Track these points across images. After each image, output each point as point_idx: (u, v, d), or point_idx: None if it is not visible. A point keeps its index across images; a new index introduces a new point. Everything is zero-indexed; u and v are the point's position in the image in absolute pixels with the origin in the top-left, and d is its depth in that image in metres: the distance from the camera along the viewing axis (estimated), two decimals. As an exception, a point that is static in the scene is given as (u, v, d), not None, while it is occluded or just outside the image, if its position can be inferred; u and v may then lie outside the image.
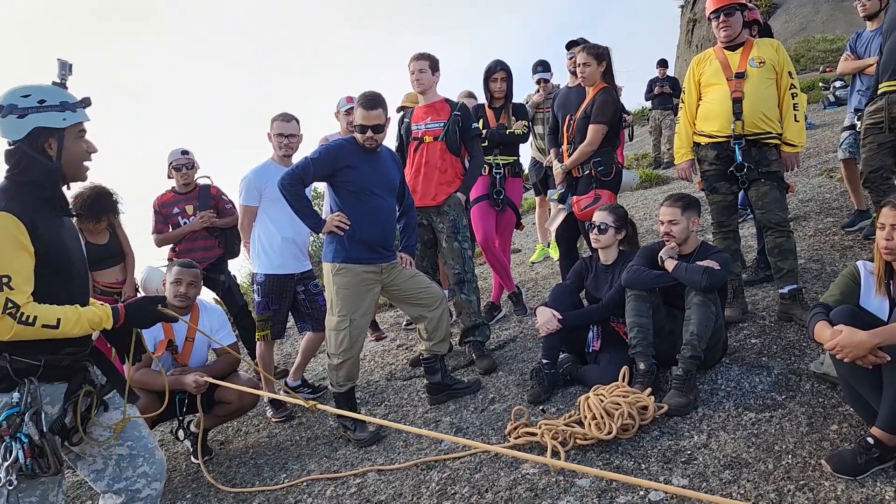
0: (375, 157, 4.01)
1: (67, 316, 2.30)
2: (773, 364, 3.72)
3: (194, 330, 4.16)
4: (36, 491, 2.33)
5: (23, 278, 2.24)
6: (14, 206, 2.28)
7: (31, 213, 2.31)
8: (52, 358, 2.37)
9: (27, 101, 2.34)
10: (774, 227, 4.26)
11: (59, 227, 2.44)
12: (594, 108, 4.59)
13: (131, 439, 2.62)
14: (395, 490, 3.36)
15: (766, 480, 2.75)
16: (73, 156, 2.45)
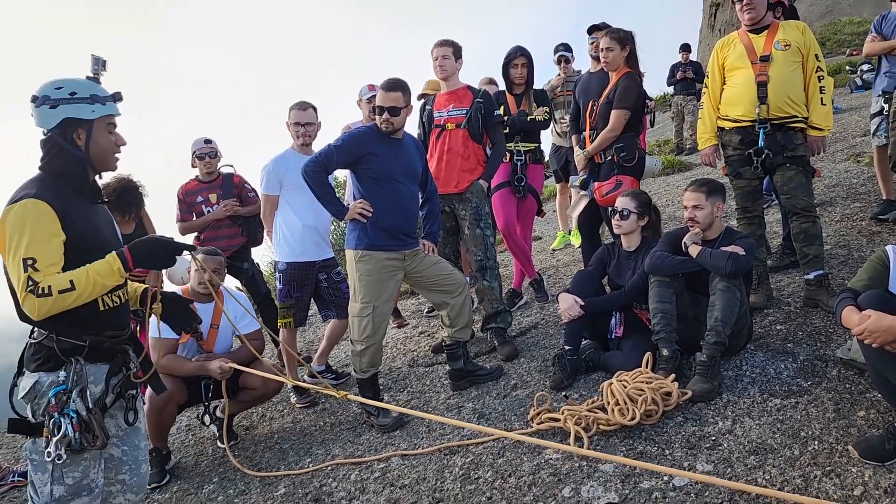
0: (398, 145, 4.01)
1: (78, 276, 2.32)
2: (799, 350, 3.69)
3: (219, 317, 4.21)
4: (79, 466, 2.41)
5: (49, 261, 2.31)
6: (45, 193, 2.36)
7: (63, 201, 2.39)
8: (96, 339, 2.46)
9: (59, 93, 2.42)
10: (800, 212, 4.21)
11: (91, 214, 2.53)
12: (617, 93, 4.55)
13: (127, 445, 2.67)
14: (419, 474, 3.38)
15: (791, 466, 2.74)
16: (101, 147, 2.53)
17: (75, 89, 2.45)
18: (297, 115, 4.78)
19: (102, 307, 2.51)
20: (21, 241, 2.29)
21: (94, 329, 2.48)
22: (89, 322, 2.46)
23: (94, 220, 2.53)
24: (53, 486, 2.38)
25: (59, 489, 2.38)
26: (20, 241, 2.29)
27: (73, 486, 2.41)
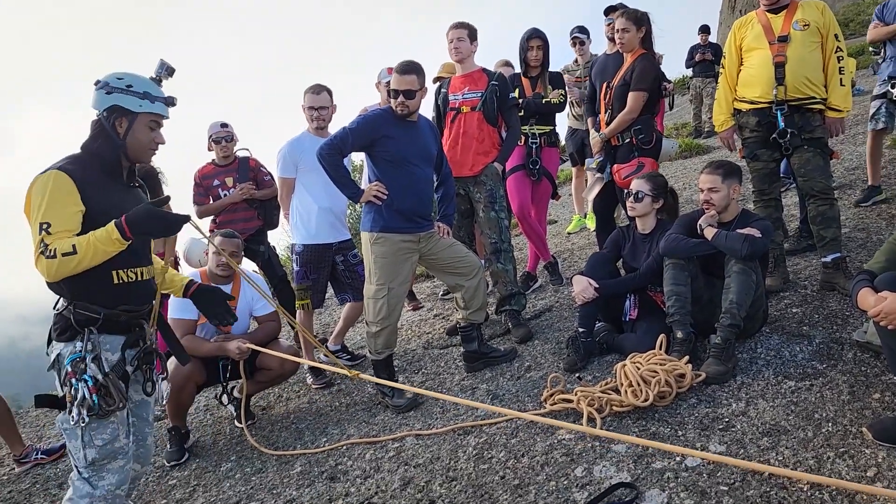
0: (413, 127, 4.02)
1: (80, 241, 2.44)
2: (815, 333, 3.67)
3: (236, 298, 4.25)
4: (107, 430, 2.58)
5: (63, 227, 2.46)
6: (70, 167, 2.54)
7: (88, 177, 2.57)
8: (110, 312, 2.61)
9: (118, 83, 2.62)
10: (817, 194, 4.17)
11: (119, 194, 2.66)
12: (634, 74, 4.52)
13: (136, 416, 2.83)
14: (433, 454, 3.42)
15: (805, 448, 2.74)
16: (139, 140, 2.68)
17: (133, 83, 2.64)
18: (312, 98, 4.79)
19: (117, 280, 2.63)
20: (41, 207, 2.46)
21: (109, 302, 2.62)
22: (103, 294, 2.60)
23: (121, 200, 2.64)
24: (86, 451, 2.56)
25: (92, 452, 2.55)
26: (40, 207, 2.46)
27: (105, 449, 2.57)
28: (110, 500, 2.62)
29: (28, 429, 5.49)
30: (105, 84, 2.61)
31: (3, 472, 4.65)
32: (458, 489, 3.05)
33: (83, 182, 2.53)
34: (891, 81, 5.42)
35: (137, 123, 2.65)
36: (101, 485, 2.59)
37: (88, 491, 2.58)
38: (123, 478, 2.65)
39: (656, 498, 2.63)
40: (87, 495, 2.58)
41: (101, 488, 2.59)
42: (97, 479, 2.59)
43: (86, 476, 2.59)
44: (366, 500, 3.17)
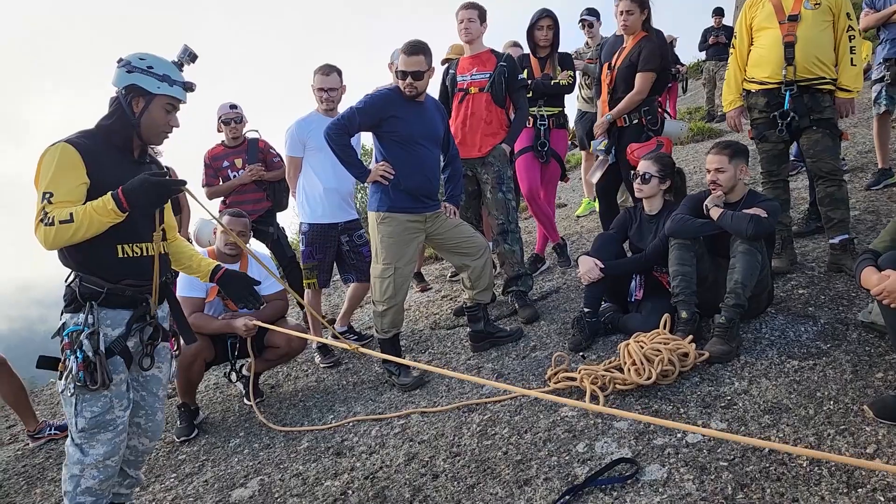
0: (420, 107, 4.03)
1: (77, 210, 2.48)
2: (820, 314, 3.67)
3: None
4: (98, 402, 2.64)
5: (66, 198, 2.51)
6: (79, 140, 2.60)
7: (97, 152, 2.62)
8: (114, 287, 2.66)
9: (140, 63, 2.68)
10: (826, 175, 4.15)
11: (126, 170, 2.68)
12: (642, 56, 4.51)
13: (146, 391, 2.90)
14: (438, 430, 3.46)
15: (805, 425, 2.75)
16: (153, 121, 2.73)
17: (154, 65, 2.69)
18: (321, 80, 4.80)
19: (121, 254, 2.67)
20: (46, 176, 2.52)
21: (113, 276, 2.66)
22: (108, 268, 2.65)
23: (126, 176, 2.63)
24: (77, 419, 2.64)
25: (81, 421, 2.64)
26: (45, 176, 2.52)
27: (93, 420, 2.64)
28: (101, 468, 2.70)
29: (42, 406, 5.59)
30: (127, 63, 2.67)
31: (17, 447, 4.75)
32: (461, 464, 3.09)
33: (91, 156, 2.58)
34: (886, 63, 5.44)
35: (153, 104, 2.69)
36: (91, 453, 2.68)
37: (80, 458, 2.68)
38: (112, 449, 2.70)
39: (656, 473, 2.66)
40: (78, 462, 2.68)
41: (91, 456, 2.68)
42: (88, 447, 2.68)
43: (77, 442, 2.68)
44: (371, 474, 3.22)
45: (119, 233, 2.62)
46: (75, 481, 2.70)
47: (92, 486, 2.71)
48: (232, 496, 3.37)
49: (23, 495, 3.96)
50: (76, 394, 2.60)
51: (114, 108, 2.71)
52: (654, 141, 4.50)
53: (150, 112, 2.70)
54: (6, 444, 4.99)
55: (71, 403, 2.63)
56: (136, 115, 2.69)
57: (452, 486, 2.94)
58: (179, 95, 2.76)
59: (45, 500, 3.83)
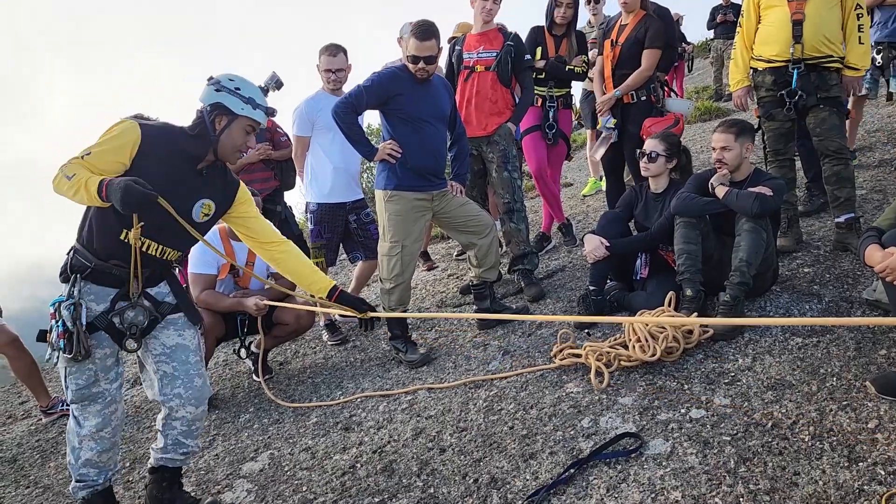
0: (427, 85, 4.03)
1: (81, 174, 2.50)
2: (825, 292, 3.69)
3: (255, 255, 4.31)
4: (83, 375, 2.74)
5: (97, 162, 2.57)
6: (150, 129, 2.68)
7: (162, 146, 2.69)
8: (101, 264, 2.71)
9: (228, 84, 2.78)
10: (832, 154, 4.15)
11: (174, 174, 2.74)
12: (649, 33, 4.51)
13: (176, 361, 2.89)
14: (444, 406, 3.51)
15: (808, 401, 2.78)
16: (231, 139, 2.81)
17: (241, 87, 2.79)
18: (328, 61, 4.78)
19: (123, 237, 2.68)
20: (99, 140, 2.62)
21: (104, 255, 2.70)
22: (105, 247, 2.70)
23: (172, 179, 2.72)
24: (67, 391, 2.78)
25: (70, 393, 2.77)
26: (101, 139, 2.62)
27: (80, 392, 2.75)
28: (97, 440, 2.81)
29: (55, 383, 5.65)
30: (217, 82, 2.76)
31: (31, 423, 4.83)
32: (467, 439, 3.14)
33: (152, 146, 2.64)
34: (876, 48, 5.37)
35: (235, 124, 2.78)
36: (85, 425, 2.79)
37: (77, 430, 2.81)
38: (103, 421, 2.80)
39: (660, 447, 2.70)
40: (76, 433, 2.81)
41: (86, 428, 2.79)
42: (82, 418, 2.79)
43: (75, 414, 2.81)
44: (378, 448, 3.28)
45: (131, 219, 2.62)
46: (76, 454, 2.82)
47: (91, 458, 2.81)
48: (242, 469, 3.44)
49: (37, 469, 4.04)
50: (65, 366, 2.70)
51: (197, 121, 2.80)
52: (672, 116, 4.50)
53: (231, 131, 2.79)
54: (20, 419, 5.08)
55: (62, 376, 2.75)
56: (217, 131, 2.77)
57: (459, 460, 2.99)
58: (260, 119, 2.84)
59: (58, 474, 3.90)
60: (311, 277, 3.17)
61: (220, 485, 3.34)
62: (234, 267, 4.32)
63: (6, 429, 4.88)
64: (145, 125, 2.66)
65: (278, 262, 3.15)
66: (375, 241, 4.86)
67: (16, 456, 4.28)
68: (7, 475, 4.04)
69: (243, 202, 3.04)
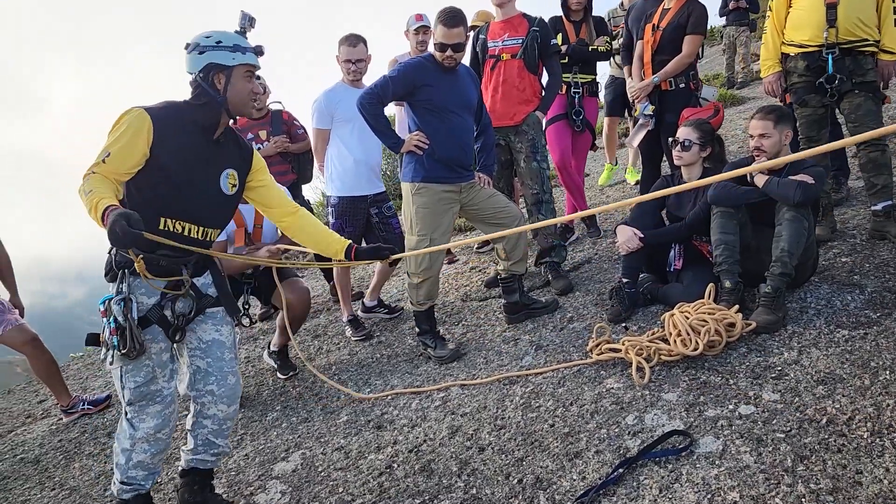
0: (454, 76, 3.94)
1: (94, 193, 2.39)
2: (866, 282, 3.60)
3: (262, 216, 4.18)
4: (140, 372, 2.66)
5: (119, 161, 2.50)
6: (158, 111, 2.59)
7: (173, 127, 2.61)
8: (149, 256, 2.60)
9: (207, 42, 2.67)
10: (868, 140, 4.05)
11: (194, 150, 2.69)
12: (692, 18, 4.42)
13: (211, 357, 2.85)
14: (480, 403, 3.43)
15: (862, 395, 2.70)
16: (238, 92, 2.71)
17: (221, 39, 2.67)
18: (348, 51, 4.69)
19: (162, 227, 2.64)
20: (113, 136, 2.52)
21: (149, 246, 2.56)
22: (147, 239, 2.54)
23: (194, 156, 2.69)
24: (124, 391, 2.68)
25: (128, 393, 2.67)
26: (113, 136, 2.52)
27: (138, 392, 2.66)
28: (152, 442, 2.73)
29: (71, 381, 5.61)
30: (196, 45, 2.66)
31: (51, 422, 4.77)
32: (507, 437, 3.06)
33: (165, 129, 2.57)
34: None
35: (234, 76, 2.68)
36: (141, 427, 2.70)
37: (130, 432, 2.71)
38: (162, 422, 2.72)
39: (711, 445, 2.62)
40: (129, 436, 2.71)
41: (142, 430, 2.70)
42: (138, 420, 2.70)
43: (129, 417, 2.71)
44: (414, 447, 3.20)
45: (165, 205, 2.62)
46: (126, 455, 2.72)
47: (143, 460, 2.73)
48: (275, 469, 3.36)
49: (61, 470, 3.97)
50: (120, 365, 2.61)
51: (198, 92, 2.70)
52: (712, 107, 4.40)
53: (234, 85, 2.69)
54: (39, 418, 5.02)
55: (117, 376, 2.66)
56: (221, 91, 2.68)
57: (500, 459, 2.91)
58: (254, 61, 2.73)
59: (83, 475, 3.83)
60: (327, 240, 3.15)
61: (253, 486, 3.27)
62: (247, 232, 4.21)
63: (26, 429, 4.82)
64: (153, 109, 2.58)
65: (294, 229, 3.11)
66: (397, 234, 4.78)
67: (38, 457, 4.22)
68: (31, 476, 3.97)
69: (259, 169, 2.99)
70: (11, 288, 4.62)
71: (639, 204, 4.15)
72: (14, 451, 4.38)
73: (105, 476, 3.74)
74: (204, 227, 2.76)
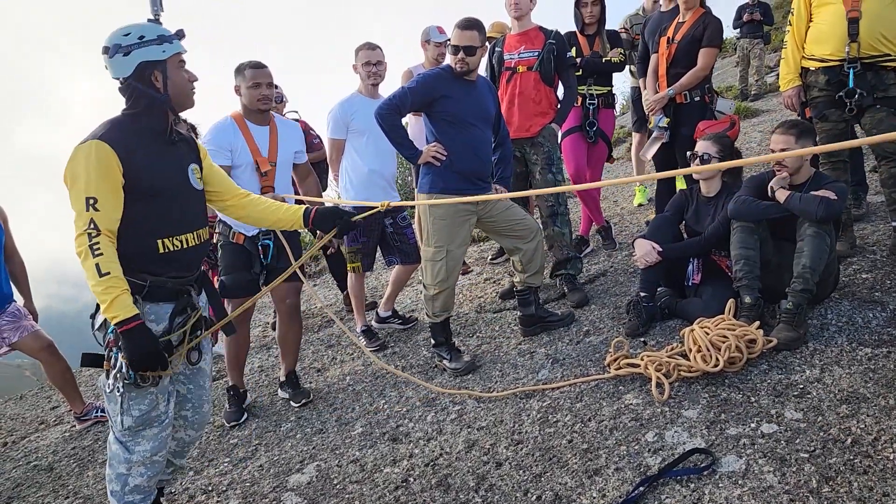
0: (472, 87, 3.93)
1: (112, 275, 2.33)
2: (888, 299, 3.56)
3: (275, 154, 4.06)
4: (145, 400, 2.56)
5: (107, 203, 2.38)
6: (111, 135, 2.43)
7: (131, 144, 2.46)
8: (157, 279, 2.54)
9: (129, 39, 2.47)
10: (890, 156, 4.02)
11: (161, 158, 2.56)
12: (707, 31, 4.41)
13: (193, 384, 2.84)
14: (496, 417, 3.40)
15: (887, 416, 2.66)
16: (178, 85, 2.57)
17: (143, 33, 2.49)
18: (367, 54, 4.67)
19: (162, 249, 2.55)
20: (85, 179, 2.36)
21: (154, 269, 2.54)
22: (150, 263, 2.53)
23: (163, 164, 2.56)
24: (123, 417, 2.55)
25: (128, 420, 2.55)
26: (84, 179, 2.36)
27: (141, 418, 2.58)
28: (148, 465, 2.64)
29: (83, 388, 5.59)
30: (117, 47, 2.46)
31: (64, 430, 4.77)
32: (524, 452, 3.03)
33: (125, 151, 2.43)
34: None
35: (170, 70, 2.52)
36: (137, 450, 2.60)
37: (126, 456, 2.60)
38: (159, 445, 2.64)
39: (734, 464, 2.58)
40: (125, 461, 2.61)
41: (138, 454, 2.60)
42: (133, 444, 2.60)
43: (122, 440, 2.60)
44: (431, 461, 3.18)
45: (159, 228, 2.54)
46: (122, 480, 2.63)
47: (140, 484, 2.65)
48: (289, 482, 3.34)
49: (75, 478, 3.96)
50: (124, 392, 2.50)
51: (135, 95, 2.52)
52: (727, 120, 4.38)
53: (172, 79, 2.53)
54: (52, 425, 5.03)
55: (116, 401, 2.53)
56: (162, 89, 2.52)
57: (518, 475, 2.89)
58: (181, 49, 2.57)
59: (97, 483, 3.82)
60: (279, 214, 2.96)
61: (268, 498, 3.25)
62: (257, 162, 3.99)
63: (40, 435, 4.83)
64: (104, 137, 2.41)
65: (246, 211, 2.95)
66: (412, 245, 4.78)
67: (52, 464, 4.22)
68: (45, 484, 3.97)
69: (205, 154, 2.86)
70: (26, 293, 4.63)
71: (657, 216, 4.12)
72: (28, 458, 4.39)
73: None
74: (195, 230, 2.67)
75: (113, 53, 2.47)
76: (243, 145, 3.94)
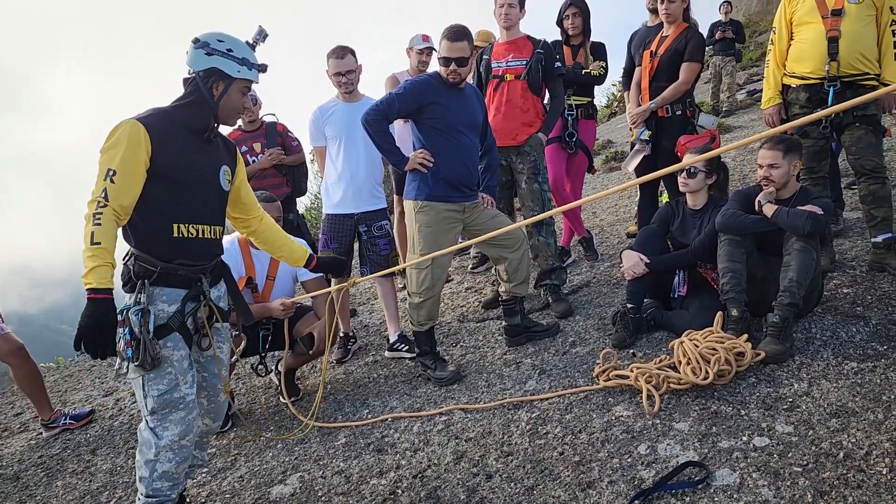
0: (460, 94, 3.91)
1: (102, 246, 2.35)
2: (870, 314, 3.61)
3: (275, 268, 4.15)
4: (164, 380, 2.60)
5: (125, 179, 2.45)
6: (150, 120, 2.55)
7: (167, 133, 2.57)
8: (167, 266, 2.60)
9: (218, 45, 2.66)
10: (868, 173, 4.10)
11: (196, 152, 2.68)
12: (689, 46, 4.45)
13: (208, 371, 2.88)
14: (484, 428, 3.36)
15: (877, 430, 2.68)
16: (231, 104, 2.73)
17: (233, 48, 2.67)
18: (336, 64, 4.51)
19: (176, 234, 2.62)
20: (113, 152, 2.45)
21: (166, 255, 2.60)
22: (162, 247, 2.60)
23: (198, 158, 2.69)
24: (147, 400, 2.61)
25: (151, 402, 2.60)
26: (113, 152, 2.45)
27: (162, 399, 2.60)
28: (176, 450, 2.66)
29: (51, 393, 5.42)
30: (205, 44, 2.64)
31: (30, 437, 4.61)
32: (515, 464, 2.99)
33: (160, 137, 2.53)
34: None
35: (233, 88, 2.69)
36: (165, 435, 2.63)
37: (155, 441, 2.63)
38: (186, 428, 2.66)
39: (728, 478, 2.57)
40: (153, 445, 2.63)
41: (166, 438, 2.63)
42: (161, 429, 2.63)
43: (151, 426, 2.63)
44: (419, 473, 3.12)
45: (176, 213, 2.61)
46: (151, 466, 2.65)
47: (168, 470, 2.66)
48: (272, 493, 3.25)
49: (43, 488, 3.82)
50: (140, 374, 2.56)
51: (191, 90, 2.68)
52: (708, 134, 4.42)
53: (230, 95, 2.70)
54: (16, 433, 4.84)
55: (139, 385, 2.60)
56: (216, 98, 2.68)
57: (509, 488, 2.84)
58: (255, 79, 2.75)
59: (67, 494, 3.69)
60: (287, 247, 3.23)
61: (250, 510, 3.16)
62: (252, 281, 4.12)
63: (3, 443, 4.65)
64: (144, 118, 2.54)
65: (258, 232, 3.15)
66: (383, 256, 4.65)
67: (18, 473, 4.06)
68: (11, 494, 3.81)
69: (241, 167, 3.00)
70: None
71: (644, 228, 4.14)
72: (-9, 467, 4.22)
73: (91, 496, 3.60)
74: (212, 225, 2.77)
75: (199, 47, 2.64)
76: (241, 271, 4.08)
